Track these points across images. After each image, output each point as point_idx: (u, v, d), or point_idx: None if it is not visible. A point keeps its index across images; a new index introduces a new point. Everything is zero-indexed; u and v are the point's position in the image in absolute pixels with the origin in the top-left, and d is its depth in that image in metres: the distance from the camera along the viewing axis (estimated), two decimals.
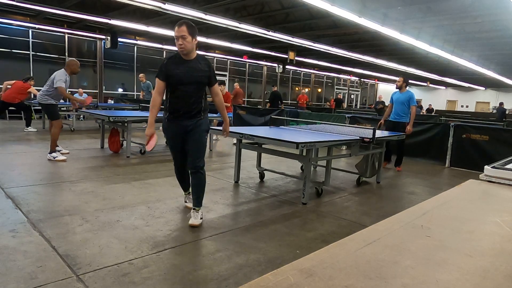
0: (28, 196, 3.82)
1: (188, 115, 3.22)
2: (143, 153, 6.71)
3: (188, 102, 3.19)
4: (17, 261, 2.42)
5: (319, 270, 0.97)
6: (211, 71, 3.26)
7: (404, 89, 6.32)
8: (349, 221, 3.70)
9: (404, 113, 6.26)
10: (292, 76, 24.16)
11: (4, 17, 11.89)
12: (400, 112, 6.30)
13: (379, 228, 1.34)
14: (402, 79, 6.33)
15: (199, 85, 3.20)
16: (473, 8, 8.86)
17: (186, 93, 3.17)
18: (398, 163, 6.58)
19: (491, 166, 2.13)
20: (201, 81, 3.20)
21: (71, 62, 5.72)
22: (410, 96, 6.25)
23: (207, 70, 3.23)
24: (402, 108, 6.26)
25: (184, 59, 3.17)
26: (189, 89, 3.16)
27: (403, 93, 6.29)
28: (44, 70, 12.58)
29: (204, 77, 3.21)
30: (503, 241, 1.30)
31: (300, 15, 11.26)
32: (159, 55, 17.17)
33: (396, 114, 6.34)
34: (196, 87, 3.19)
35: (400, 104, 6.27)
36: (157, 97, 3.20)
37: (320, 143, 4.25)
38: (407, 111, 6.25)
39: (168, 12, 9.10)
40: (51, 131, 5.71)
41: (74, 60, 5.81)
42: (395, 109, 6.37)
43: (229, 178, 5.18)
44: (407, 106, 6.23)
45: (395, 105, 6.37)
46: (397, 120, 6.32)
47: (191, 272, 2.43)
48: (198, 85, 3.19)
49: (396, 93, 6.44)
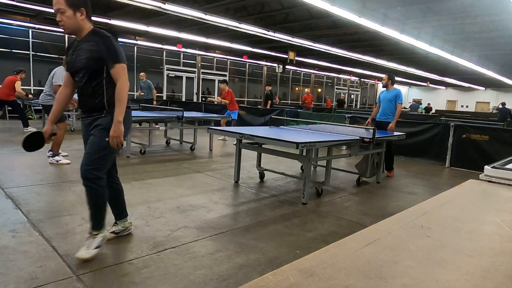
0: (28, 196, 3.82)
1: (91, 113, 2.54)
2: (143, 153, 6.71)
3: (85, 96, 2.52)
4: (17, 261, 2.42)
5: (319, 270, 0.97)
6: (105, 48, 2.41)
7: (390, 87, 6.09)
8: (349, 221, 3.70)
9: (391, 112, 6.03)
10: (292, 76, 24.16)
11: (4, 17, 11.89)
12: (387, 111, 6.07)
13: (379, 228, 1.34)
14: (387, 76, 6.13)
15: (87, 72, 2.45)
16: (473, 8, 8.87)
17: (79, 84, 2.52)
18: (389, 167, 6.17)
19: (491, 166, 2.13)
20: (87, 65, 2.43)
21: None
22: (396, 94, 6.02)
23: (97, 49, 2.41)
24: (389, 106, 6.03)
25: (76, 41, 2.53)
26: (80, 79, 2.50)
27: (389, 91, 6.08)
28: (44, 70, 12.58)
29: (91, 59, 2.42)
30: (503, 241, 1.30)
31: (300, 15, 11.26)
32: (159, 55, 17.17)
33: (383, 113, 6.12)
34: (86, 76, 2.46)
35: (387, 102, 6.06)
36: (61, 90, 2.66)
37: (320, 143, 4.26)
38: (394, 110, 6.02)
39: (168, 12, 9.10)
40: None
41: None
42: (383, 108, 6.14)
43: (229, 178, 5.18)
44: (394, 104, 6.00)
45: (382, 104, 6.16)
46: (384, 120, 6.08)
47: (191, 272, 2.43)
48: (86, 71, 2.45)
49: (383, 92, 6.23)
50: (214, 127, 5.60)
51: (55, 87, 5.42)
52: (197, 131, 7.82)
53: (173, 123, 7.35)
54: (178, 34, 13.14)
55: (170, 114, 7.37)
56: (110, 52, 2.42)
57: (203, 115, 8.85)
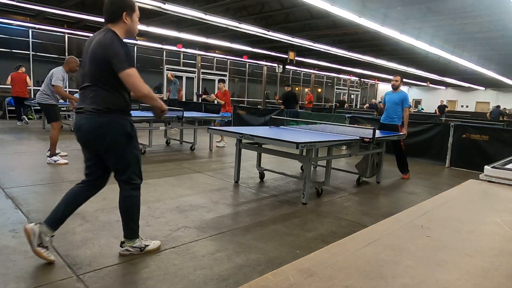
0: (28, 196, 3.82)
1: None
2: (143, 153, 6.71)
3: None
4: (17, 261, 2.41)
5: (319, 270, 0.97)
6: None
7: (398, 89, 5.93)
8: (349, 221, 3.70)
9: (396, 115, 5.88)
10: (292, 76, 24.15)
11: (4, 17, 11.89)
12: (392, 113, 5.92)
13: (379, 228, 1.34)
14: (400, 78, 5.91)
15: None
16: (473, 8, 8.87)
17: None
18: (404, 170, 6.05)
19: (491, 166, 2.13)
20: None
21: (70, 59, 5.51)
22: (404, 97, 5.87)
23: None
24: (395, 109, 5.87)
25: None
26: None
27: (396, 93, 5.91)
28: (44, 70, 12.50)
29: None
30: (503, 241, 1.30)
31: (300, 15, 11.26)
32: (159, 55, 17.17)
33: (388, 116, 5.97)
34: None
35: (393, 104, 5.89)
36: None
37: (320, 143, 4.26)
38: (400, 113, 5.87)
39: (168, 12, 9.11)
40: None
41: (74, 57, 5.58)
42: (387, 110, 5.98)
43: (229, 178, 5.18)
44: (400, 107, 5.85)
45: (387, 106, 5.99)
46: (388, 123, 5.96)
47: (191, 272, 2.43)
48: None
49: (388, 93, 6.07)
50: (214, 127, 5.60)
51: (57, 89, 5.32)
52: (197, 131, 7.82)
53: (173, 123, 7.35)
54: (178, 34, 13.14)
55: (170, 114, 7.37)
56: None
57: (203, 115, 8.85)
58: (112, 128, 2.35)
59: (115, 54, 2.26)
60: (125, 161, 2.44)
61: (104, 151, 2.41)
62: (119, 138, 2.38)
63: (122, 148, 2.40)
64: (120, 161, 2.43)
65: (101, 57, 2.29)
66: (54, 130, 5.45)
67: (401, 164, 6.06)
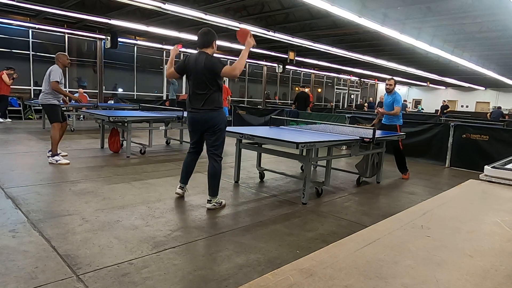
0: (28, 196, 3.82)
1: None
2: (143, 153, 6.71)
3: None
4: (17, 261, 2.42)
5: (319, 270, 0.97)
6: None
7: (392, 92, 6.06)
8: (349, 221, 3.70)
9: (394, 116, 6.01)
10: (292, 76, 24.16)
11: (4, 17, 11.88)
12: (389, 115, 6.07)
13: (379, 228, 1.34)
14: (394, 81, 6.06)
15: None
16: (473, 8, 8.85)
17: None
18: (403, 169, 6.14)
19: (491, 166, 2.13)
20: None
21: (60, 55, 5.63)
22: (394, 98, 6.00)
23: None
24: (391, 111, 6.01)
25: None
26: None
27: (390, 95, 6.07)
28: (44, 70, 12.49)
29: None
30: (503, 241, 1.30)
31: (300, 15, 11.25)
32: (159, 55, 17.16)
33: (387, 117, 6.14)
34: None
35: (389, 106, 6.04)
36: None
37: (320, 143, 4.25)
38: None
39: (168, 12, 9.09)
40: (52, 133, 5.61)
41: (62, 53, 5.75)
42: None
43: (229, 178, 5.18)
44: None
45: (385, 108, 6.15)
46: (388, 123, 6.11)
47: (191, 272, 2.43)
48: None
49: (385, 97, 6.25)
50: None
51: (53, 84, 5.39)
52: None
53: (173, 123, 7.35)
54: (178, 34, 13.13)
55: (170, 114, 7.37)
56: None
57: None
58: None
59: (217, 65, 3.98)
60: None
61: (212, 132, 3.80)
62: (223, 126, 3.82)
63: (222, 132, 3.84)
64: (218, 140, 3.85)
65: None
66: (54, 130, 5.49)
67: (400, 164, 6.13)
